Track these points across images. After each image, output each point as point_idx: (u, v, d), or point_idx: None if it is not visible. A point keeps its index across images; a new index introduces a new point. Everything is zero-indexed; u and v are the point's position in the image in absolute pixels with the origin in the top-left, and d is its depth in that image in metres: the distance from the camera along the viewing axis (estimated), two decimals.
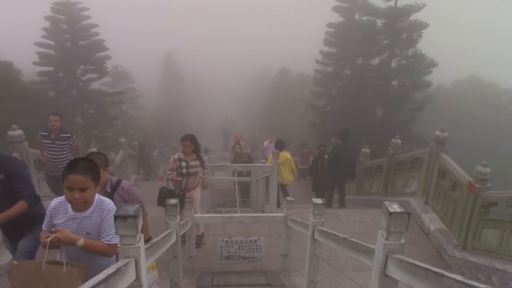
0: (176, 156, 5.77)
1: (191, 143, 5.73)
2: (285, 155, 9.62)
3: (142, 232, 2.69)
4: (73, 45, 21.32)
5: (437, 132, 7.51)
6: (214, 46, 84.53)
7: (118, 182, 3.47)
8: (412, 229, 7.10)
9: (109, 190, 3.38)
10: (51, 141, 6.40)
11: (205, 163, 6.15)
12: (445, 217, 6.89)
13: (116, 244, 2.44)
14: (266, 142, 15.07)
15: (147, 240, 3.01)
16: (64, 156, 6.33)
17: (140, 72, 40.77)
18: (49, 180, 6.80)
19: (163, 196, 5.52)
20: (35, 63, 21.23)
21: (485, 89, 33.17)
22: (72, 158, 6.02)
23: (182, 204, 5.29)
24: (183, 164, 5.70)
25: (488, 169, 5.62)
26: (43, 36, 21.02)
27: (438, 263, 6.12)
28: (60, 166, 6.20)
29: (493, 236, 5.44)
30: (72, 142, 6.42)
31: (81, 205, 2.53)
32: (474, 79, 34.52)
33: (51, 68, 21.21)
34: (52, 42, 21.09)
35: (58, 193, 6.12)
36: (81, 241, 2.45)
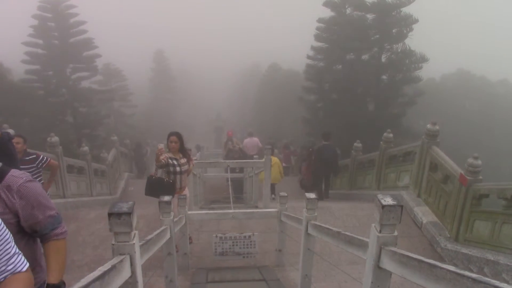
0: (166, 155, 5.63)
1: (177, 139, 5.69)
2: (274, 159, 10.66)
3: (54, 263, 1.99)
4: (61, 43, 21.11)
5: (428, 125, 7.56)
6: (205, 42, 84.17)
7: (2, 174, 1.84)
8: (405, 222, 7.16)
9: None
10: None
11: (191, 161, 6.12)
12: (437, 209, 6.96)
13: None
14: (246, 140, 14.54)
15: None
16: None
17: (132, 70, 40.46)
18: None
19: (151, 185, 5.49)
20: (23, 62, 21.01)
21: (475, 82, 33.51)
22: (44, 181, 5.58)
23: (171, 192, 5.29)
24: (174, 162, 5.64)
25: (479, 162, 5.68)
26: (31, 35, 20.79)
27: (431, 255, 6.17)
28: None
29: (485, 228, 5.50)
30: (40, 164, 5.44)
31: None
32: (463, 72, 34.81)
33: (39, 67, 21.02)
34: (40, 41, 20.88)
35: None
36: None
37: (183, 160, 5.78)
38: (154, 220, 6.83)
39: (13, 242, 1.50)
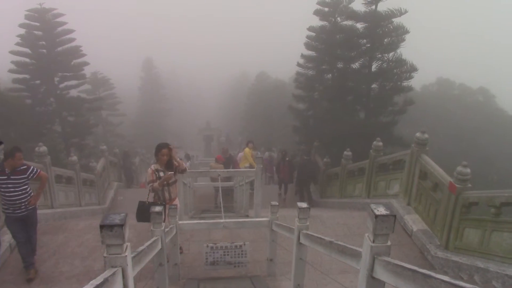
0: (153, 168, 5.64)
1: (168, 152, 5.66)
2: (246, 150, 13.14)
3: None
4: (49, 52, 20.93)
5: (417, 134, 7.62)
6: (193, 51, 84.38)
7: None
8: (395, 230, 7.15)
9: None
10: (5, 177, 5.35)
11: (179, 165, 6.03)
12: (427, 217, 7.00)
13: None
14: (240, 154, 14.99)
15: None
16: (24, 191, 5.42)
17: (120, 78, 40.30)
18: (9, 222, 5.55)
19: (144, 211, 5.38)
20: (11, 71, 20.78)
21: (457, 90, 34.17)
22: (33, 193, 5.58)
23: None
24: (162, 174, 5.61)
25: (468, 170, 5.73)
26: (18, 44, 20.59)
27: (422, 263, 6.20)
28: (22, 205, 5.37)
29: (475, 236, 5.54)
30: (31, 175, 5.46)
31: None
32: (443, 81, 35.42)
33: (27, 76, 20.80)
34: (27, 50, 20.68)
35: (19, 235, 5.47)
36: None
37: (170, 171, 5.75)
38: (143, 230, 6.76)
39: None
